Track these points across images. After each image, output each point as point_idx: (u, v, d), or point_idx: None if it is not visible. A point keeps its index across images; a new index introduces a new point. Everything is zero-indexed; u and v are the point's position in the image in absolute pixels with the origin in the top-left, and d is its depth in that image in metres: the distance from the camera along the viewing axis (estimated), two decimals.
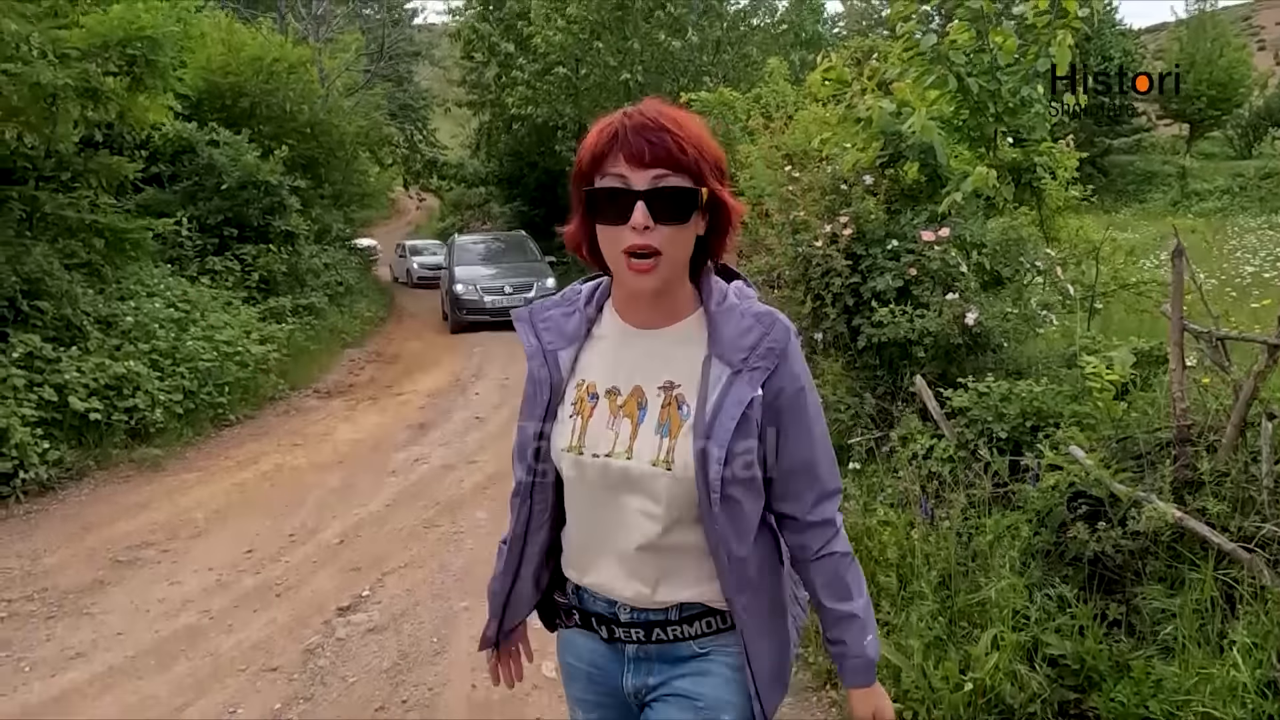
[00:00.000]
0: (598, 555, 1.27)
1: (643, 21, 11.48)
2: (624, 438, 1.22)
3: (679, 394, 1.22)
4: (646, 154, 1.12)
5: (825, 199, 4.18)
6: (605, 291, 1.33)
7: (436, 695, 3.03)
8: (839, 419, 3.92)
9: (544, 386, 1.28)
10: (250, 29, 13.50)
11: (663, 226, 1.12)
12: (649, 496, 1.21)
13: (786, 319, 1.25)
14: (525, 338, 1.33)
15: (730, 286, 1.27)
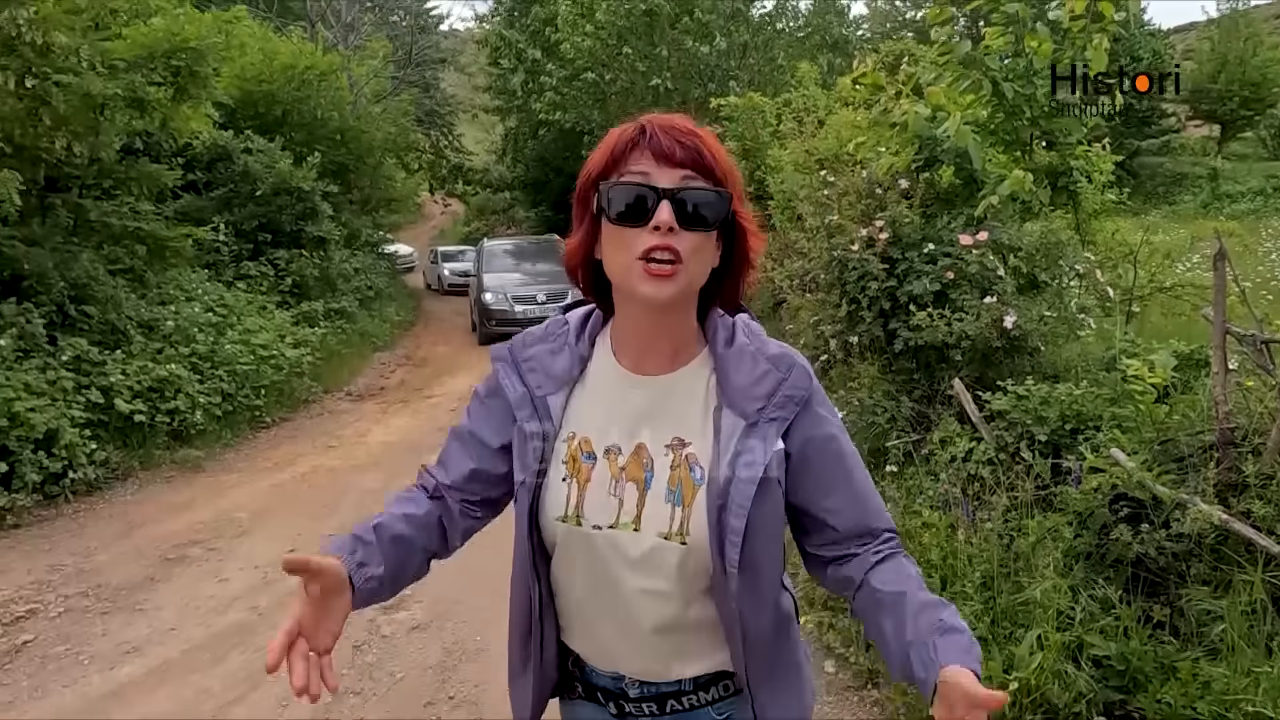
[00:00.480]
0: (600, 631, 1.14)
1: (670, 27, 11.54)
2: (630, 506, 1.07)
3: (690, 453, 1.07)
4: (677, 152, 1.01)
5: (860, 203, 4.21)
6: (597, 325, 1.17)
7: (482, 691, 3.10)
8: (875, 422, 3.95)
9: (536, 441, 1.10)
10: (282, 37, 13.75)
11: (686, 232, 1.00)
12: (659, 574, 1.06)
13: (804, 360, 1.13)
14: (508, 383, 1.14)
15: (737, 322, 1.14)
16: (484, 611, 3.73)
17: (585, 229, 1.08)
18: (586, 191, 1.07)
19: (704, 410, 1.09)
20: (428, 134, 24.44)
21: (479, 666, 3.28)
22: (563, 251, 5.71)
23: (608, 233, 1.04)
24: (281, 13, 20.57)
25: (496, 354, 1.19)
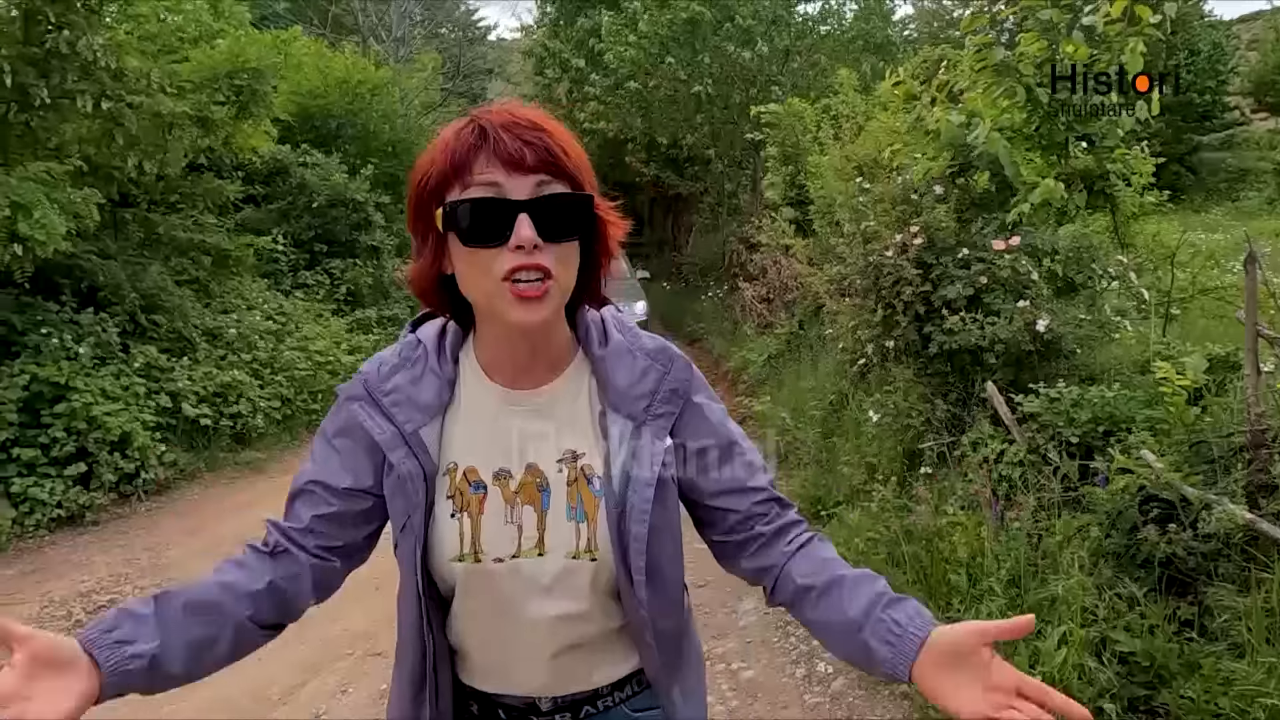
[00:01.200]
0: (512, 666, 1.07)
1: (712, 34, 11.65)
2: (530, 531, 1.01)
3: (585, 465, 1.02)
4: (527, 156, 0.91)
5: (896, 209, 4.27)
6: (457, 340, 1.07)
7: None
8: (910, 424, 4.01)
9: (417, 482, 1.00)
10: (335, 53, 14.22)
11: (551, 245, 0.92)
12: (571, 596, 1.02)
13: (679, 350, 1.10)
14: (373, 425, 1.02)
15: (606, 318, 1.10)
16: None
17: (431, 248, 0.98)
18: (426, 203, 0.95)
19: (590, 417, 1.04)
20: None
21: None
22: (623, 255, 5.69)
23: (461, 255, 0.94)
24: (335, 29, 21.24)
25: (351, 393, 1.05)
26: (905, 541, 3.21)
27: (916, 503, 3.44)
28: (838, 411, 5.18)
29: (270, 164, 10.59)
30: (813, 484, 4.67)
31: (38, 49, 6.17)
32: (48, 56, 6.14)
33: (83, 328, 6.09)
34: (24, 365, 5.47)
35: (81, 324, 6.10)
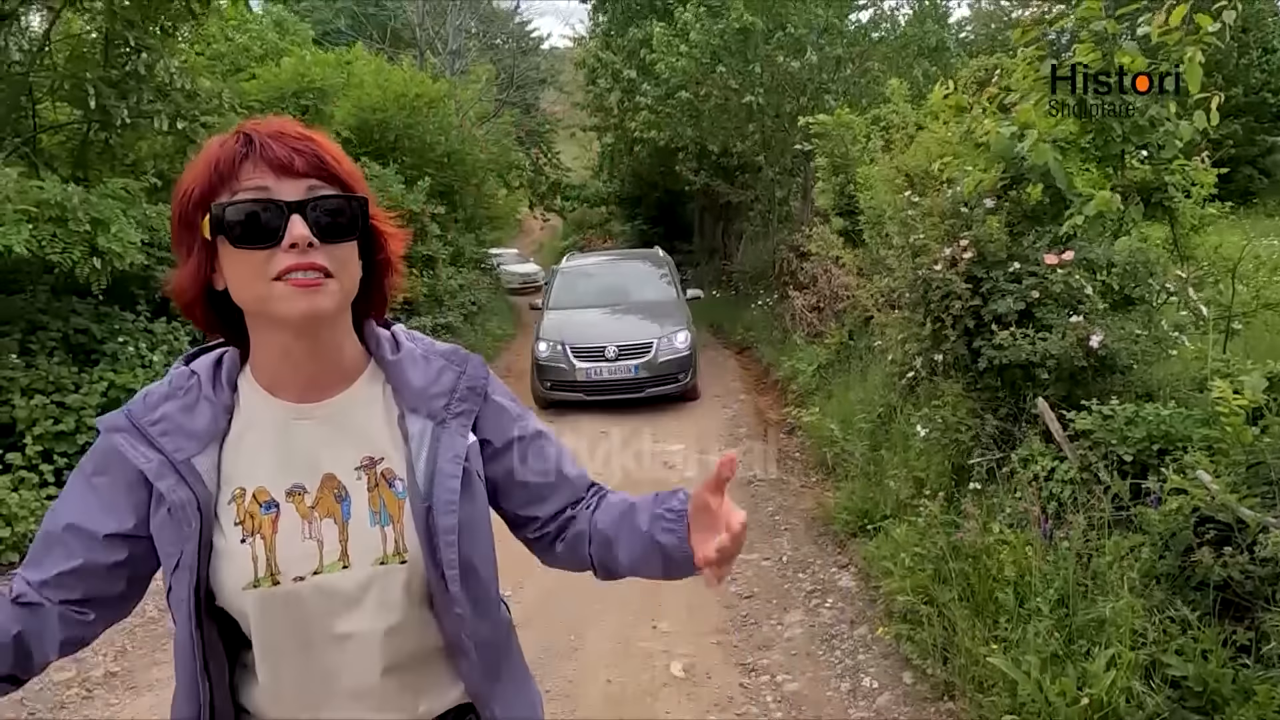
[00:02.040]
0: (325, 706, 1.00)
1: (763, 43, 11.65)
2: (332, 544, 0.97)
3: (385, 469, 1.01)
4: (296, 161, 0.91)
5: (945, 223, 4.25)
6: (234, 366, 1.03)
7: (575, 686, 3.33)
8: (959, 439, 3.99)
9: (190, 511, 0.94)
10: (394, 67, 14.60)
11: (328, 245, 0.91)
12: (384, 607, 0.98)
13: (456, 349, 1.12)
14: (137, 454, 0.96)
15: (397, 331, 1.10)
16: (577, 615, 3.97)
17: (196, 259, 0.95)
18: (189, 217, 0.94)
19: (388, 422, 1.03)
20: (528, 152, 25.28)
21: (573, 664, 3.51)
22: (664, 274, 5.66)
23: (231, 259, 0.92)
24: (393, 42, 21.79)
25: (112, 424, 1.00)
26: (952, 558, 3.20)
27: (964, 519, 3.42)
28: (886, 424, 5.16)
29: None
30: (859, 497, 4.66)
31: (117, 71, 6.51)
32: (126, 78, 6.47)
33: (156, 336, 6.38)
34: (102, 372, 5.76)
35: (155, 333, 6.40)
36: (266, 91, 7.18)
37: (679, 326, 8.78)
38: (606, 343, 8.43)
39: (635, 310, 9.26)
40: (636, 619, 3.90)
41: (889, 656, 3.39)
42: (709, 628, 3.79)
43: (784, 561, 4.53)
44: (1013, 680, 2.58)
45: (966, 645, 2.88)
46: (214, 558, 0.95)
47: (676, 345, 8.58)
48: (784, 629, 3.77)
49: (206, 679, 0.98)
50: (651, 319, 8.93)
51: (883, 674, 3.28)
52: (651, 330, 8.69)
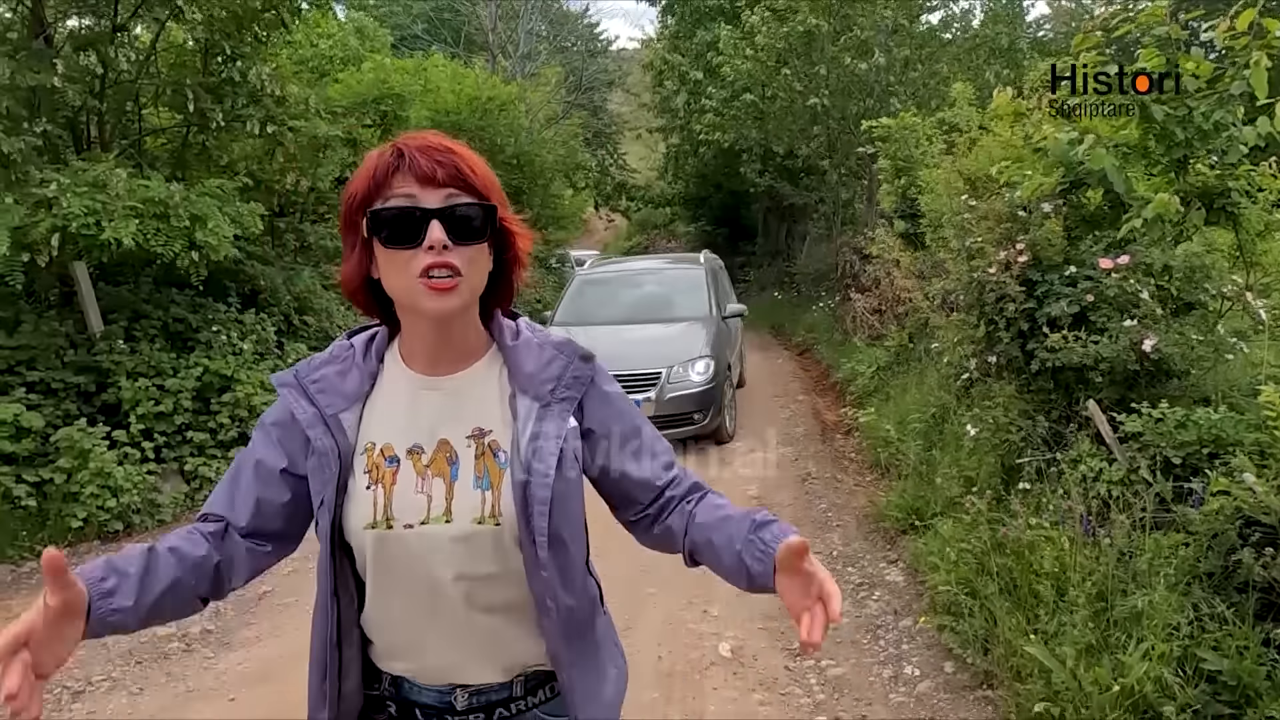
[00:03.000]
0: (422, 638, 1.14)
1: (830, 45, 11.67)
2: (439, 500, 1.11)
3: (492, 441, 1.14)
4: (438, 173, 1.05)
5: (1001, 226, 4.30)
6: (383, 342, 1.21)
7: (628, 658, 3.51)
8: (1009, 439, 4.04)
9: (330, 458, 1.11)
10: (467, 70, 15.06)
11: (461, 247, 1.06)
12: (477, 560, 1.11)
13: (575, 345, 1.22)
14: (297, 405, 1.15)
15: (520, 323, 1.24)
16: (632, 596, 4.16)
17: (358, 254, 1.12)
18: (353, 217, 1.10)
19: (500, 400, 1.16)
20: (594, 154, 25.64)
21: (626, 641, 3.66)
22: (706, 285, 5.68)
23: (384, 256, 1.08)
24: (466, 46, 22.39)
25: (282, 380, 1.18)
26: (996, 553, 3.28)
27: (1012, 517, 3.49)
28: (940, 425, 5.21)
29: None
30: (911, 495, 4.73)
31: (214, 78, 6.98)
32: (222, 85, 6.94)
33: (246, 326, 6.82)
34: (198, 358, 6.20)
35: (245, 323, 6.84)
36: (349, 97, 7.59)
37: (700, 354, 7.02)
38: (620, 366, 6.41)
39: (654, 330, 7.52)
40: (688, 603, 4.07)
41: (931, 647, 3.49)
42: (757, 614, 3.94)
43: (834, 556, 4.64)
44: (1049, 669, 2.67)
45: (1006, 636, 2.97)
46: (346, 499, 1.12)
47: (692, 377, 6.85)
48: None
49: (336, 601, 1.15)
50: (669, 342, 7.20)
51: (924, 663, 3.38)
52: (663, 356, 6.93)
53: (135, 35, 7.36)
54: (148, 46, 7.02)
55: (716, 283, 8.59)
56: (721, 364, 7.12)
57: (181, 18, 6.65)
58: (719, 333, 7.51)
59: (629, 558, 4.66)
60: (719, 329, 7.57)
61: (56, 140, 6.02)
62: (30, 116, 5.49)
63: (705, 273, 8.43)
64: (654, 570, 4.50)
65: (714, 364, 6.99)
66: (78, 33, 6.76)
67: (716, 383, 6.93)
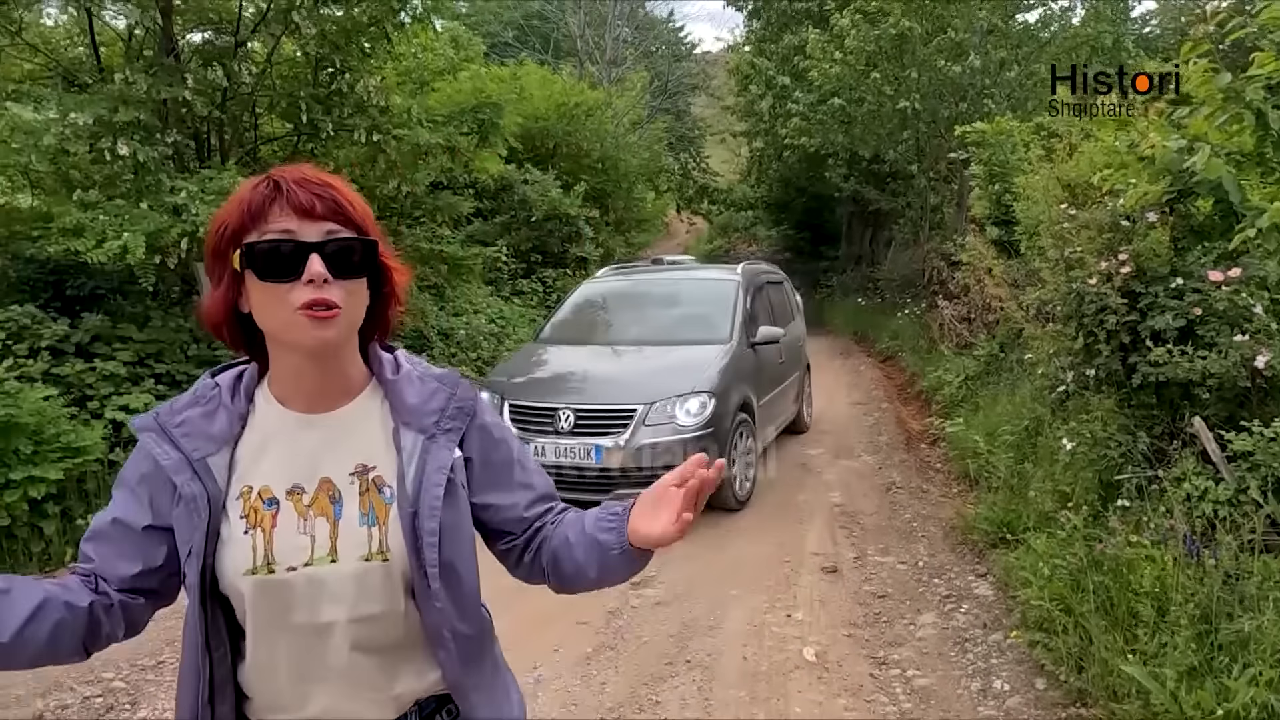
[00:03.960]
0: (307, 687, 1.09)
1: (922, 47, 11.47)
2: (323, 540, 1.08)
3: (376, 476, 1.12)
4: (317, 206, 1.04)
5: (1103, 236, 4.20)
6: (253, 380, 1.17)
7: (714, 660, 3.60)
8: (1108, 455, 3.95)
9: (200, 504, 1.06)
10: (556, 77, 15.41)
11: (340, 281, 1.04)
12: (366, 598, 1.08)
13: (456, 376, 1.22)
14: (160, 450, 1.10)
15: (398, 355, 1.23)
16: (717, 597, 4.24)
17: (225, 287, 1.08)
18: (223, 249, 1.07)
19: (383, 434, 1.14)
20: (677, 157, 25.76)
21: (713, 640, 3.78)
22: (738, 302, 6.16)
23: (258, 290, 1.05)
24: (555, 53, 22.84)
25: (142, 425, 1.13)
26: (1092, 570, 3.22)
27: (1110, 534, 3.42)
28: (1032, 438, 5.10)
29: (498, 181, 11.76)
30: (1001, 508, 4.66)
31: (324, 89, 7.37)
32: (331, 96, 7.33)
33: None
34: None
35: None
36: (447, 106, 7.91)
37: (696, 389, 5.35)
38: (561, 404, 5.36)
39: (648, 356, 6.05)
40: (772, 607, 4.12)
41: (1022, 663, 3.45)
42: (841, 620, 3.96)
43: (919, 566, 4.61)
44: (1147, 690, 2.62)
45: (1102, 655, 2.93)
46: (220, 546, 1.07)
47: (680, 419, 5.22)
48: (916, 629, 3.88)
49: (208, 656, 1.09)
50: (658, 373, 5.62)
51: (1014, 678, 3.34)
52: (645, 390, 5.36)
53: (251, 49, 7.84)
54: (264, 60, 7.46)
55: (755, 301, 6.76)
56: (731, 404, 5.51)
57: (296, 33, 7.05)
58: (737, 364, 5.84)
59: (712, 560, 4.76)
60: (739, 358, 5.91)
61: (184, 149, 6.47)
62: (163, 127, 5.92)
63: (736, 288, 6.57)
64: (737, 572, 4.57)
65: (714, 403, 5.31)
66: (202, 48, 7.24)
67: (718, 428, 5.27)
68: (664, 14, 32.22)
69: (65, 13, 7.88)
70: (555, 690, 3.40)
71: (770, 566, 4.64)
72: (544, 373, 6.08)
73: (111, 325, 5.82)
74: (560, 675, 3.51)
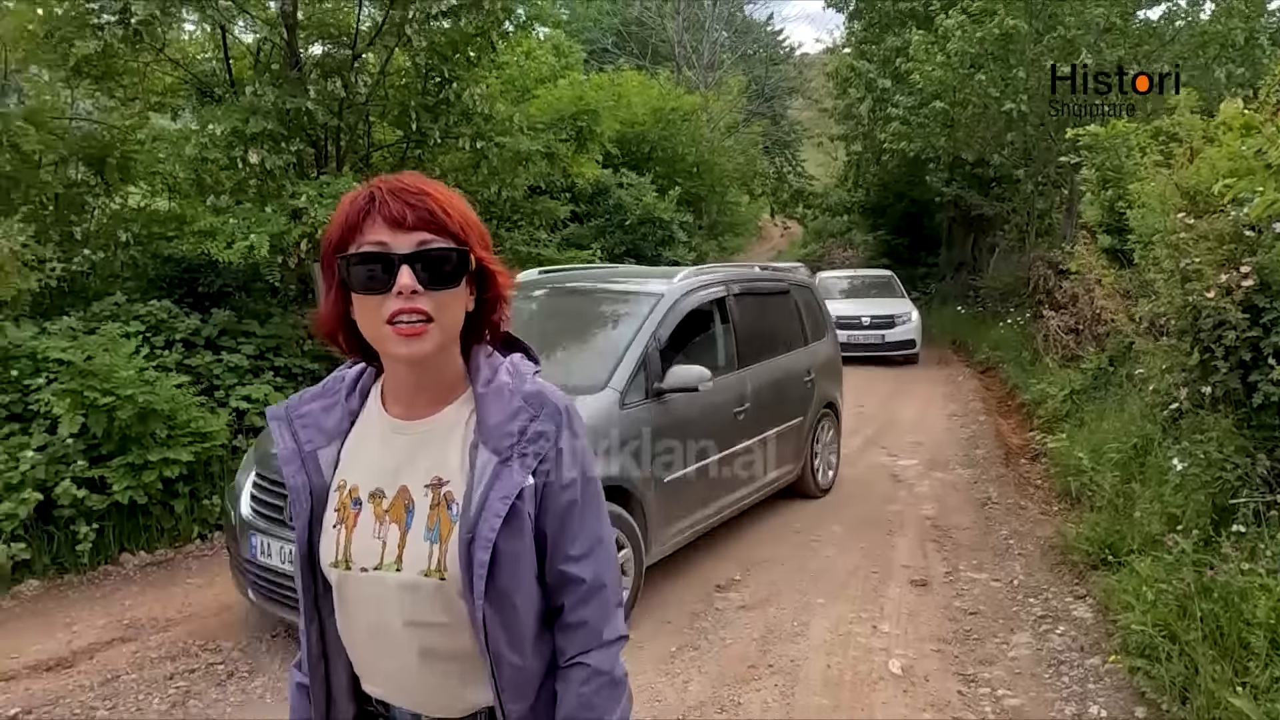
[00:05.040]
0: (389, 669, 1.15)
1: (1030, 47, 11.05)
2: (392, 547, 1.10)
3: (447, 492, 1.11)
4: (408, 216, 1.04)
5: (1223, 247, 3.99)
6: (370, 378, 1.22)
7: (797, 666, 3.61)
8: (1223, 477, 3.75)
9: (303, 494, 1.15)
10: (653, 81, 15.57)
11: (432, 292, 1.04)
12: (423, 608, 1.10)
13: (562, 398, 1.15)
14: (280, 439, 1.19)
15: (506, 361, 1.18)
16: (802, 605, 4.23)
17: (335, 295, 1.11)
18: (329, 260, 1.09)
19: (462, 449, 1.12)
20: (773, 161, 25.57)
21: (796, 647, 3.79)
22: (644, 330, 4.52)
23: (356, 301, 1.07)
24: (653, 58, 23.04)
25: (273, 413, 1.21)
26: (1201, 597, 3.08)
27: (1222, 560, 3.26)
28: (1141, 456, 4.88)
29: (594, 186, 11.97)
30: (1104, 529, 4.48)
31: (432, 97, 7.70)
32: (439, 104, 7.64)
33: None
34: None
35: None
36: (547, 113, 8.13)
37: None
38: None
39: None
40: (858, 617, 4.09)
41: (1121, 689, 3.32)
42: (929, 635, 3.90)
43: (1014, 585, 4.48)
44: None
45: (1209, 685, 2.80)
46: (320, 532, 1.15)
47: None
48: (1009, 648, 3.78)
49: (317, 613, 1.20)
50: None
51: (1112, 704, 3.23)
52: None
53: (366, 61, 8.26)
54: (378, 71, 7.85)
55: (699, 324, 4.92)
56: None
57: (408, 45, 7.39)
58: (612, 426, 3.99)
59: (797, 565, 4.76)
60: (619, 420, 4.04)
61: (305, 156, 6.88)
62: (287, 136, 6.32)
63: (650, 310, 4.57)
64: (823, 580, 4.55)
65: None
66: (322, 60, 7.68)
67: None
68: (762, 17, 31.94)
69: (200, 28, 8.48)
70: (639, 685, 3.48)
71: (857, 576, 4.60)
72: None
73: (237, 320, 6.26)
74: (645, 670, 3.58)
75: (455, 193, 1.10)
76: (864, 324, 12.30)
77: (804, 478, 5.91)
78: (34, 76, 7.92)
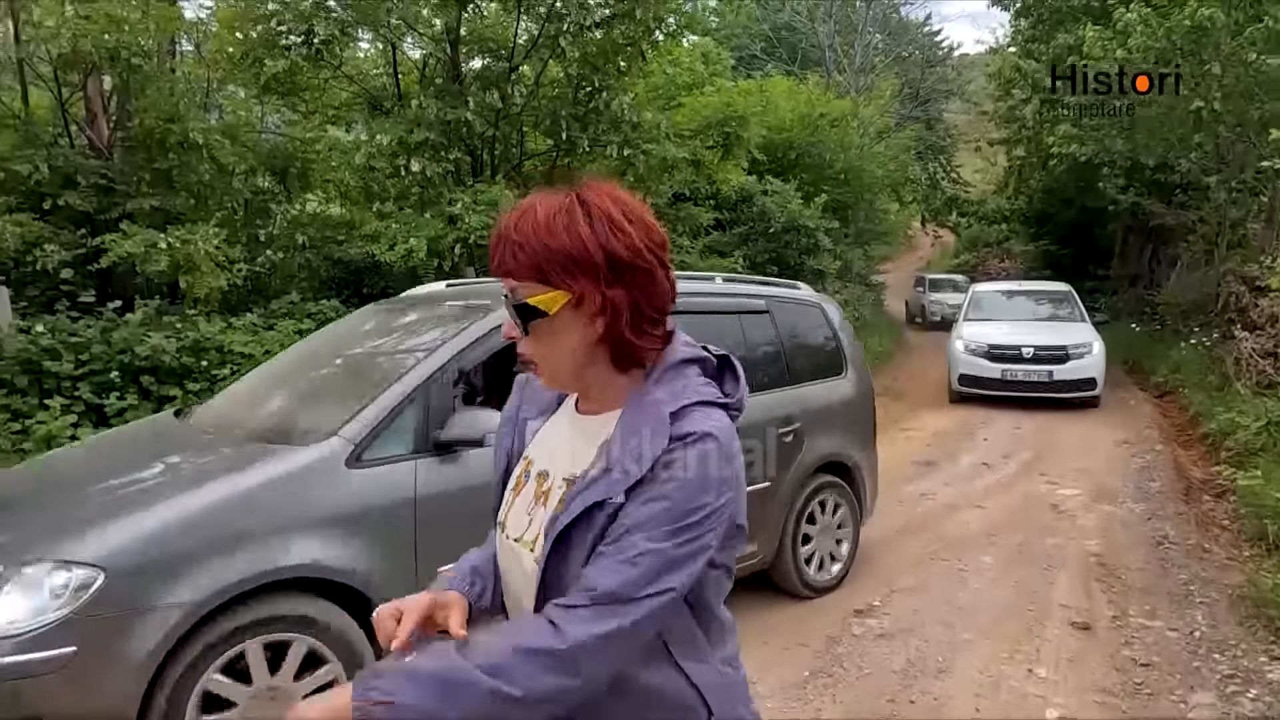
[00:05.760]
0: None
1: (1228, 39, 10.01)
2: (535, 527, 1.13)
3: None
4: (500, 263, 1.06)
5: None
6: None
7: (941, 705, 3.39)
8: None
9: (501, 454, 1.25)
10: (800, 87, 15.28)
11: (533, 335, 1.07)
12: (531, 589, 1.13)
13: (699, 424, 1.04)
14: (513, 399, 1.30)
15: (684, 378, 1.10)
16: (948, 639, 3.98)
17: None
18: None
19: (600, 451, 1.12)
20: (925, 167, 24.54)
21: (941, 685, 3.56)
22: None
23: None
24: (802, 63, 22.67)
25: (518, 379, 1.31)
26: None
27: None
28: None
29: (738, 193, 11.88)
30: None
31: (583, 106, 7.88)
32: (588, 114, 7.81)
33: None
34: None
35: None
36: (694, 121, 8.14)
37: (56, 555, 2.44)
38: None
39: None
40: (1011, 658, 3.79)
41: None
42: (1092, 685, 3.56)
43: (1195, 637, 4.03)
44: None
45: None
46: (504, 492, 1.23)
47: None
48: (1188, 708, 3.39)
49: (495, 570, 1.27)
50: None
51: None
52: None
53: (521, 73, 8.58)
54: (532, 82, 8.13)
55: None
56: None
57: (562, 56, 7.61)
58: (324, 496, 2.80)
59: (942, 595, 4.49)
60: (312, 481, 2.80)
61: (462, 165, 7.22)
62: (447, 145, 6.65)
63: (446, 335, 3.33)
64: (971, 614, 4.27)
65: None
66: (480, 73, 8.04)
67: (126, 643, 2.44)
68: (919, 17, 30.70)
69: (373, 46, 9.08)
70: (768, 710, 3.36)
71: (1010, 614, 4.27)
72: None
73: None
74: (775, 694, 3.47)
75: (550, 211, 1.03)
76: (1025, 356, 10.12)
77: (779, 567, 4.33)
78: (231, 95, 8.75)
